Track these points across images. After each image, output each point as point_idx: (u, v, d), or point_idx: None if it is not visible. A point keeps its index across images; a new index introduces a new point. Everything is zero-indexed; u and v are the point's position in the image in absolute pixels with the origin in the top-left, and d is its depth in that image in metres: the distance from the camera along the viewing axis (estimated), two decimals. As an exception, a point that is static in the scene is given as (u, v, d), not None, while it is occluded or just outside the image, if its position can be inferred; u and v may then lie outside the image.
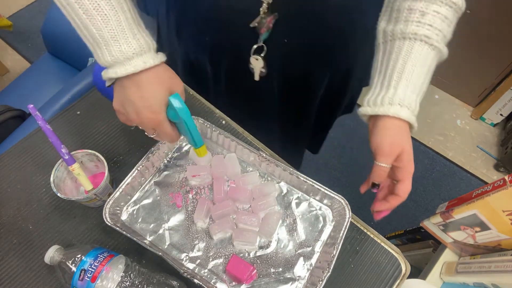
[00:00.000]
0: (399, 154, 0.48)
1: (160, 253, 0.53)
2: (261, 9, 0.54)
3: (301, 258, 0.58)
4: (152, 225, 0.59)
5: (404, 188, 0.51)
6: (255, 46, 0.59)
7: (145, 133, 0.50)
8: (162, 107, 0.45)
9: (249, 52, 0.61)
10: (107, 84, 0.46)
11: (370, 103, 0.50)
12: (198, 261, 0.56)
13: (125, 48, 0.41)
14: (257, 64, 0.63)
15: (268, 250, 0.58)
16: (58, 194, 0.53)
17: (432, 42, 0.48)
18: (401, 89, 0.47)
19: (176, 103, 0.45)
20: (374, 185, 0.51)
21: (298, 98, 0.75)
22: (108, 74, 0.43)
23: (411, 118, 0.47)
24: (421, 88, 0.49)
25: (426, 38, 0.48)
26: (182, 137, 0.67)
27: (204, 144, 0.51)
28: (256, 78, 0.65)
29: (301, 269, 0.57)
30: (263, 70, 0.64)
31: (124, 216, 0.59)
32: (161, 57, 0.45)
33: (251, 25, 0.56)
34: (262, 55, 0.61)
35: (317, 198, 0.63)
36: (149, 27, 0.46)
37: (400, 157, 0.48)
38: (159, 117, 0.46)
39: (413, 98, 0.48)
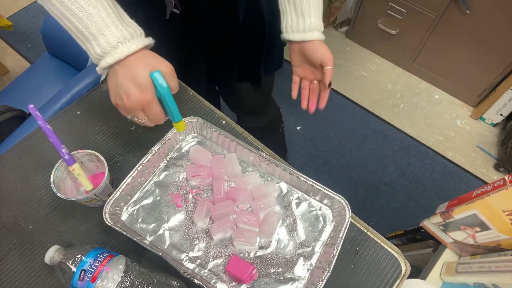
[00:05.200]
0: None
1: (160, 253, 0.53)
2: None
3: (301, 258, 0.58)
4: (152, 225, 0.59)
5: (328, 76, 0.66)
6: None
7: (135, 120, 0.52)
8: (149, 86, 0.48)
9: None
10: (102, 78, 0.50)
11: (293, 30, 0.67)
12: (198, 261, 0.56)
13: (110, 39, 0.46)
14: (169, 5, 0.66)
15: (268, 250, 0.58)
16: (58, 194, 0.53)
17: None
18: (314, 18, 0.65)
19: (155, 78, 0.48)
20: (330, 84, 0.67)
21: (225, 29, 0.76)
22: (100, 65, 0.48)
23: (323, 37, 0.67)
24: (321, 12, 0.67)
25: None
26: (181, 137, 0.67)
27: (183, 120, 0.53)
28: (167, 16, 0.68)
29: (301, 269, 0.57)
30: (177, 12, 0.67)
31: (124, 216, 0.59)
32: (144, 41, 0.49)
33: None
34: None
35: (317, 198, 0.63)
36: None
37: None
38: (148, 96, 0.48)
39: (320, 22, 0.66)
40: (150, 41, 0.51)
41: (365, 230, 0.62)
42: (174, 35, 0.74)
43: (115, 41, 0.46)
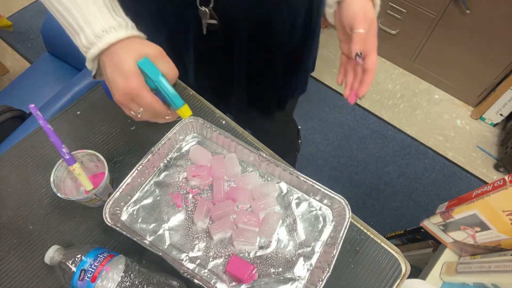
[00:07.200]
0: (370, 23, 0.51)
1: (160, 253, 0.53)
2: None
3: (301, 258, 0.58)
4: (152, 225, 0.59)
5: (373, 60, 0.53)
6: None
7: (138, 118, 0.48)
8: (133, 73, 0.44)
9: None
10: (93, 72, 0.49)
11: None
12: (198, 261, 0.56)
13: (96, 28, 0.44)
14: (204, 16, 0.61)
15: (268, 250, 0.58)
16: (58, 194, 0.53)
17: None
18: None
19: (142, 65, 0.44)
20: (357, 55, 0.52)
21: (263, 53, 0.73)
22: (87, 58, 0.46)
23: None
24: None
25: None
26: (181, 137, 0.67)
27: (186, 104, 0.48)
28: (204, 31, 0.64)
29: (301, 269, 0.57)
30: (214, 22, 0.62)
31: (124, 216, 0.59)
32: (133, 32, 0.46)
33: None
34: (211, 6, 0.59)
35: (317, 198, 0.63)
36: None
37: (370, 27, 0.52)
38: (134, 84, 0.44)
39: None
40: (140, 34, 0.48)
41: (365, 230, 0.62)
42: (212, 49, 0.70)
43: (100, 30, 0.44)
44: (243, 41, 0.68)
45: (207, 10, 0.59)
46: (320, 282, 0.52)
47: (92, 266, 0.48)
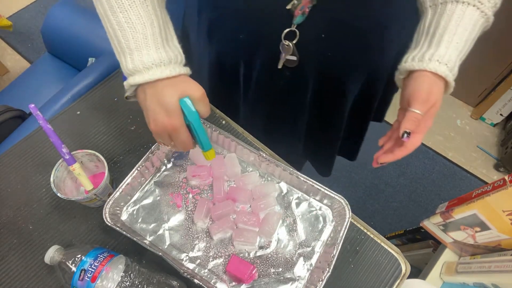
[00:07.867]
0: (431, 105, 0.48)
1: (160, 253, 0.53)
2: None
3: (301, 258, 0.58)
4: (152, 225, 0.59)
5: (415, 141, 0.50)
6: (286, 30, 0.57)
7: (162, 144, 0.50)
8: (177, 112, 0.45)
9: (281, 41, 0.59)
10: (127, 93, 0.48)
11: (408, 61, 0.49)
12: (198, 261, 0.56)
13: (146, 59, 0.44)
14: (286, 51, 0.60)
15: (268, 250, 0.58)
16: (58, 194, 0.53)
17: (484, 9, 0.50)
18: (442, 48, 0.48)
19: (184, 105, 0.45)
20: (406, 133, 0.49)
21: (331, 100, 0.71)
22: (128, 81, 0.46)
23: (448, 75, 0.47)
24: (463, 52, 0.49)
25: (479, 3, 0.49)
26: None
27: (213, 148, 0.50)
28: (279, 65, 0.62)
29: (301, 269, 0.57)
30: (294, 59, 0.61)
31: (124, 216, 0.59)
32: (181, 70, 0.47)
33: (287, 7, 0.53)
34: (294, 42, 0.58)
35: (317, 198, 0.63)
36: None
37: (430, 109, 0.48)
38: (175, 122, 0.46)
39: (453, 58, 0.48)
40: (187, 71, 0.48)
41: (365, 230, 0.62)
42: (278, 87, 0.68)
43: (150, 62, 0.44)
44: (312, 83, 0.66)
45: (291, 44, 0.58)
46: (320, 282, 0.52)
47: (92, 266, 0.48)
